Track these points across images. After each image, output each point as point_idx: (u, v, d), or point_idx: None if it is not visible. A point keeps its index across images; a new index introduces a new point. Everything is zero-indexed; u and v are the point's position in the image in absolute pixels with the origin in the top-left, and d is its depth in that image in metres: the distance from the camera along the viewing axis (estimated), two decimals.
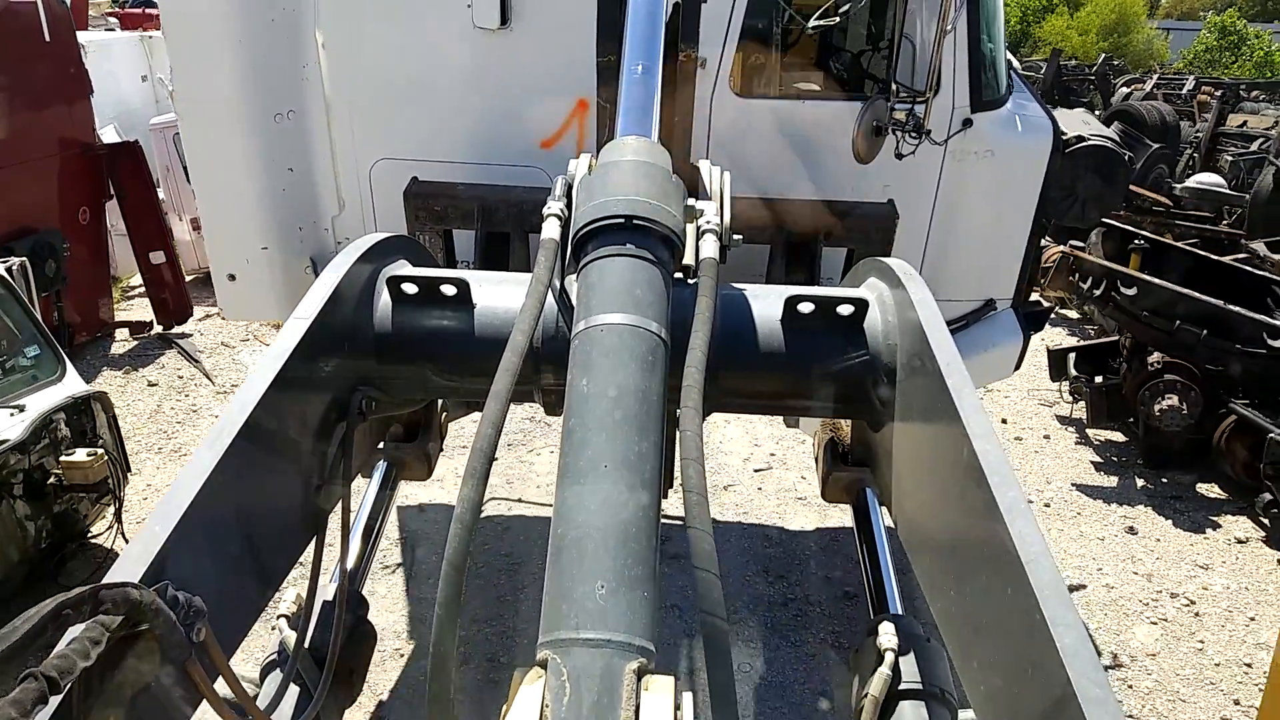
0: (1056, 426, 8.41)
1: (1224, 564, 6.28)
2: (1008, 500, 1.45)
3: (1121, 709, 1.11)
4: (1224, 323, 6.98)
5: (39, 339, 5.35)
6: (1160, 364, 7.20)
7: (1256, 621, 5.59)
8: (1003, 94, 4.30)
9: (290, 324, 1.90)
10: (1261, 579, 6.08)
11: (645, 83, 2.37)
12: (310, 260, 4.36)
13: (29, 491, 4.77)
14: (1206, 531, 6.65)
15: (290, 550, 1.91)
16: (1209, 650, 5.40)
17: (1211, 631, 5.57)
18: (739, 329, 2.13)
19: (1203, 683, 5.17)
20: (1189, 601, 5.86)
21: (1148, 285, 7.30)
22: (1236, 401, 6.82)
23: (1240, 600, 5.86)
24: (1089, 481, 7.42)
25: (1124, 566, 6.23)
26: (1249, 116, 15.60)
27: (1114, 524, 6.74)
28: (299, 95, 4.05)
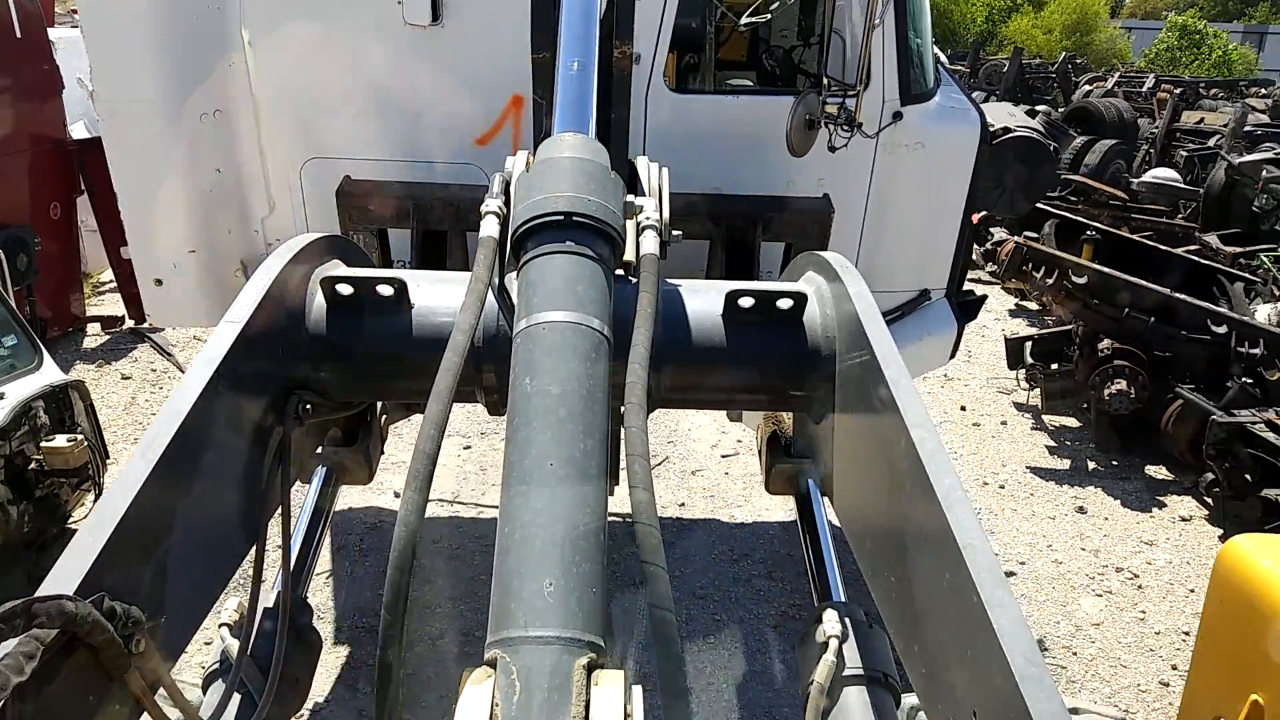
0: (1013, 413, 8.74)
1: (1168, 540, 6.63)
2: (944, 487, 1.48)
3: (1057, 687, 1.24)
4: (1170, 310, 7.29)
5: (15, 329, 5.32)
6: (1110, 350, 7.45)
7: (1196, 593, 5.89)
8: (931, 87, 4.40)
9: (222, 328, 1.86)
10: (1203, 554, 6.39)
11: (581, 79, 2.37)
12: (240, 263, 4.27)
13: (11, 477, 4.77)
14: (1152, 510, 6.99)
15: (230, 557, 1.87)
16: (1150, 620, 5.73)
17: (1153, 602, 5.91)
18: (681, 324, 2.14)
19: (1143, 650, 5.49)
20: (1133, 575, 6.19)
21: (1097, 274, 7.55)
22: (1182, 386, 7.06)
23: (1182, 574, 6.21)
24: (1042, 464, 7.74)
25: (1072, 543, 6.55)
26: (1206, 114, 16.20)
27: (1065, 504, 7.07)
28: (225, 94, 3.95)
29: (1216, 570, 1.92)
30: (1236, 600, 1.82)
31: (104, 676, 1.33)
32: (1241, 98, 21.35)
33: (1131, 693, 5.16)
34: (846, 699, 1.86)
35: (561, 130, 2.17)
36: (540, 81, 2.76)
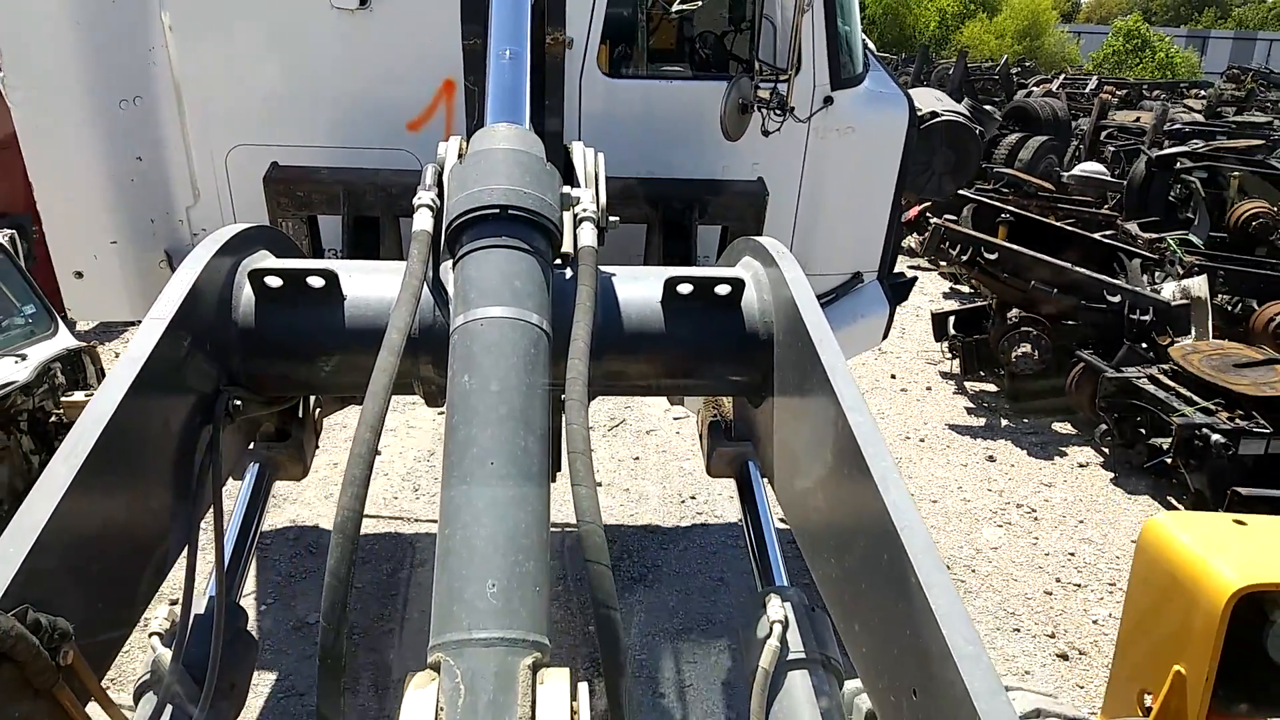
0: (938, 380, 9.55)
1: (1065, 483, 7.44)
2: (881, 470, 1.49)
3: (993, 665, 1.20)
4: (1071, 282, 8.08)
5: (34, 299, 5.85)
6: (1017, 319, 8.28)
7: (1084, 524, 6.78)
8: (860, 72, 4.45)
9: (146, 325, 1.79)
10: (1094, 494, 7.26)
11: (514, 68, 2.33)
12: (165, 254, 4.15)
13: (33, 429, 5.27)
14: (1054, 458, 7.83)
15: (161, 562, 1.82)
16: (1041, 544, 6.50)
17: (1045, 531, 6.67)
18: (620, 312, 2.13)
19: (1033, 567, 6.24)
20: (1030, 510, 6.98)
21: (1006, 250, 8.26)
22: (1083, 350, 7.82)
23: (1074, 509, 7.00)
24: (960, 422, 8.59)
25: (981, 485, 7.38)
26: (1143, 113, 17.48)
27: (977, 454, 7.93)
28: (145, 80, 3.83)
29: (1139, 548, 2.01)
30: (1158, 576, 1.91)
31: (30, 692, 1.28)
32: (1181, 98, 22.90)
33: (1019, 600, 5.87)
34: (791, 683, 1.89)
35: (495, 120, 2.14)
36: (472, 69, 2.72)
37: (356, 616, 5.33)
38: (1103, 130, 16.14)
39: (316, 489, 6.56)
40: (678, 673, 4.99)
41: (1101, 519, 6.85)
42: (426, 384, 2.18)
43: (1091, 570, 6.23)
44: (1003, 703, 1.16)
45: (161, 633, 1.92)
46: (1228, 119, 18.22)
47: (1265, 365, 6.56)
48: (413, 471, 7.01)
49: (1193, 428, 6.11)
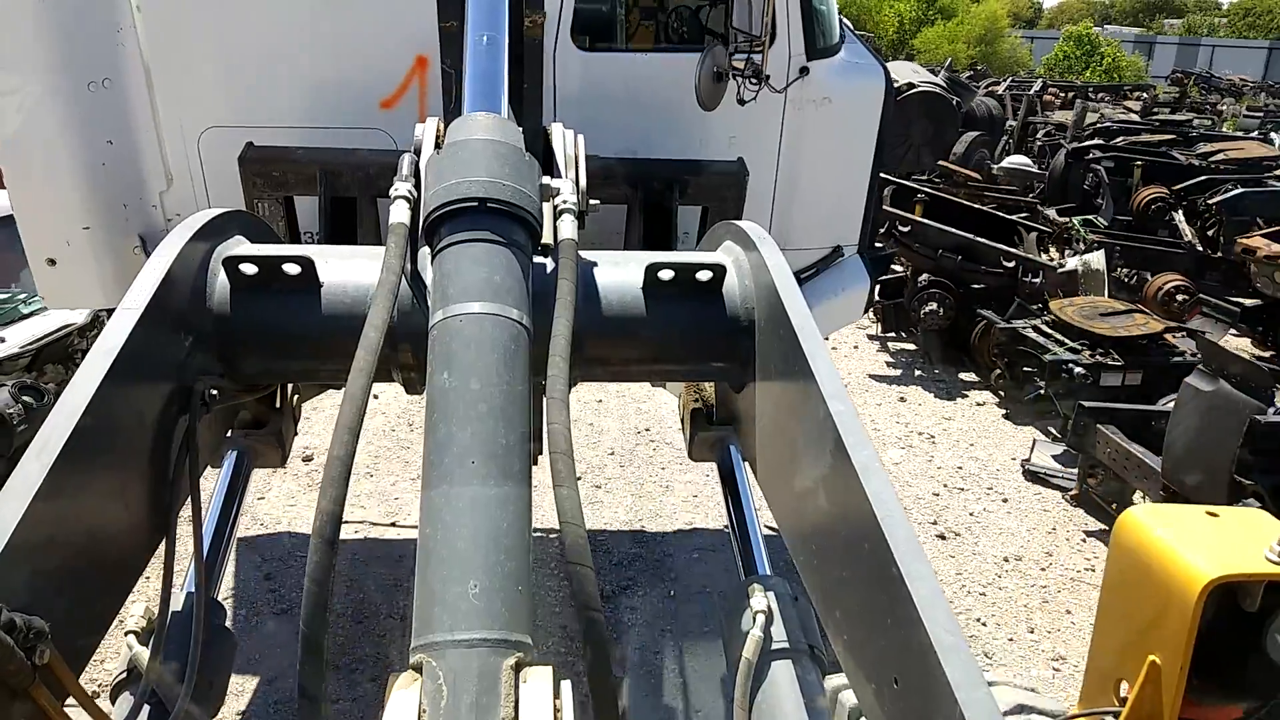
0: (865, 341, 10.67)
1: (963, 416, 8.66)
2: (862, 459, 1.50)
3: (974, 657, 1.21)
4: (973, 251, 9.38)
5: None
6: (926, 282, 9.40)
7: (974, 446, 7.99)
8: (836, 43, 4.42)
9: (119, 315, 1.76)
10: (986, 424, 8.49)
11: (491, 53, 2.30)
12: (139, 239, 4.07)
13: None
14: (956, 399, 9.06)
15: (138, 557, 1.80)
16: (935, 461, 7.63)
17: (940, 452, 7.82)
18: (601, 299, 2.11)
19: (926, 476, 7.27)
20: (930, 436, 8.15)
21: (917, 224, 9.47)
22: (984, 310, 9.02)
23: (967, 435, 8.19)
24: (880, 373, 9.77)
25: (890, 418, 8.51)
26: (1071, 112, 18.79)
27: (891, 396, 9.09)
28: (114, 61, 3.75)
29: (1114, 540, 2.04)
30: (1133, 568, 1.94)
31: (7, 693, 1.26)
32: (1123, 100, 25.24)
33: (911, 499, 6.84)
34: (775, 673, 1.90)
35: (473, 108, 2.11)
36: (449, 51, 2.66)
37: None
38: (1038, 128, 17.83)
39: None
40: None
41: (989, 443, 8.04)
42: (405, 372, 2.16)
43: (975, 479, 7.24)
44: (983, 694, 1.16)
45: (139, 630, 1.90)
46: (1157, 118, 19.92)
47: (1125, 314, 7.64)
48: (407, 410, 7.76)
49: (1060, 362, 7.18)
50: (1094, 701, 2.01)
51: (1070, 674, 5.01)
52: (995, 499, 6.90)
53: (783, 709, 1.85)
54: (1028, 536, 6.38)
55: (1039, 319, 8.10)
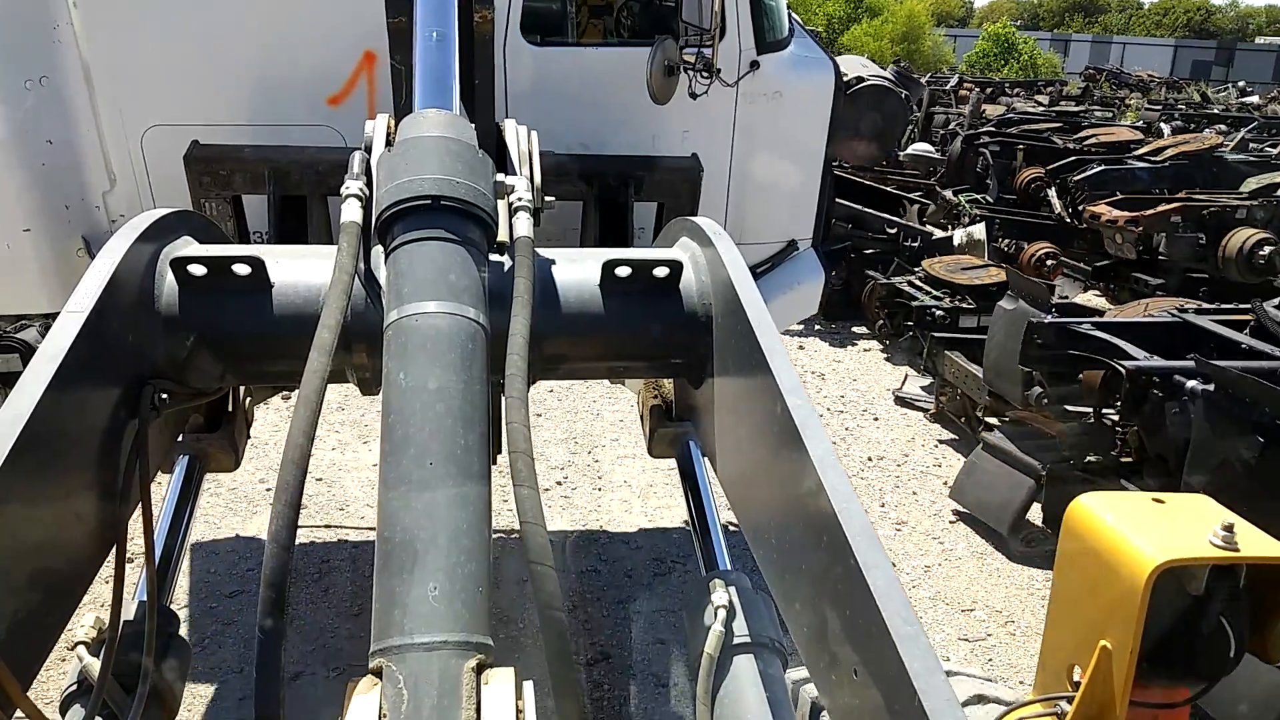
0: None
1: (850, 359, 10.06)
2: (819, 452, 1.51)
3: (931, 646, 1.23)
4: (862, 221, 10.71)
5: None
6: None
7: (856, 381, 9.43)
8: (785, 37, 4.44)
9: (63, 319, 1.72)
10: (869, 364, 9.95)
11: (441, 49, 2.27)
12: (83, 241, 3.98)
13: None
14: (847, 346, 10.48)
15: (87, 565, 1.75)
16: (823, 391, 9.02)
17: (829, 385, 9.21)
18: (558, 297, 2.10)
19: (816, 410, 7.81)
20: (821, 375, 9.50)
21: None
22: (872, 272, 10.17)
23: (852, 372, 9.62)
24: (784, 329, 11.05)
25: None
26: (989, 105, 21.45)
27: (790, 345, 10.15)
28: (51, 59, 3.66)
29: (1065, 526, 2.08)
30: (1084, 554, 1.98)
31: None
32: (1036, 94, 27.77)
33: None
34: (737, 667, 1.90)
35: (424, 105, 2.09)
36: (398, 48, 2.62)
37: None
38: (949, 119, 19.65)
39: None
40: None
41: (869, 378, 9.56)
42: (360, 373, 2.13)
43: (853, 404, 8.75)
44: (940, 682, 1.18)
45: (89, 641, 1.85)
46: (1053, 109, 21.86)
47: (983, 268, 8.98)
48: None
49: (925, 308, 8.54)
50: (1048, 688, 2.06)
51: (909, 535, 6.32)
52: (868, 418, 8.47)
53: (745, 703, 1.86)
54: (890, 444, 7.89)
55: (914, 275, 9.55)
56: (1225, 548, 1.90)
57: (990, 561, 6.02)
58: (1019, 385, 5.80)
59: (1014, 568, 5.96)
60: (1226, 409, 4.62)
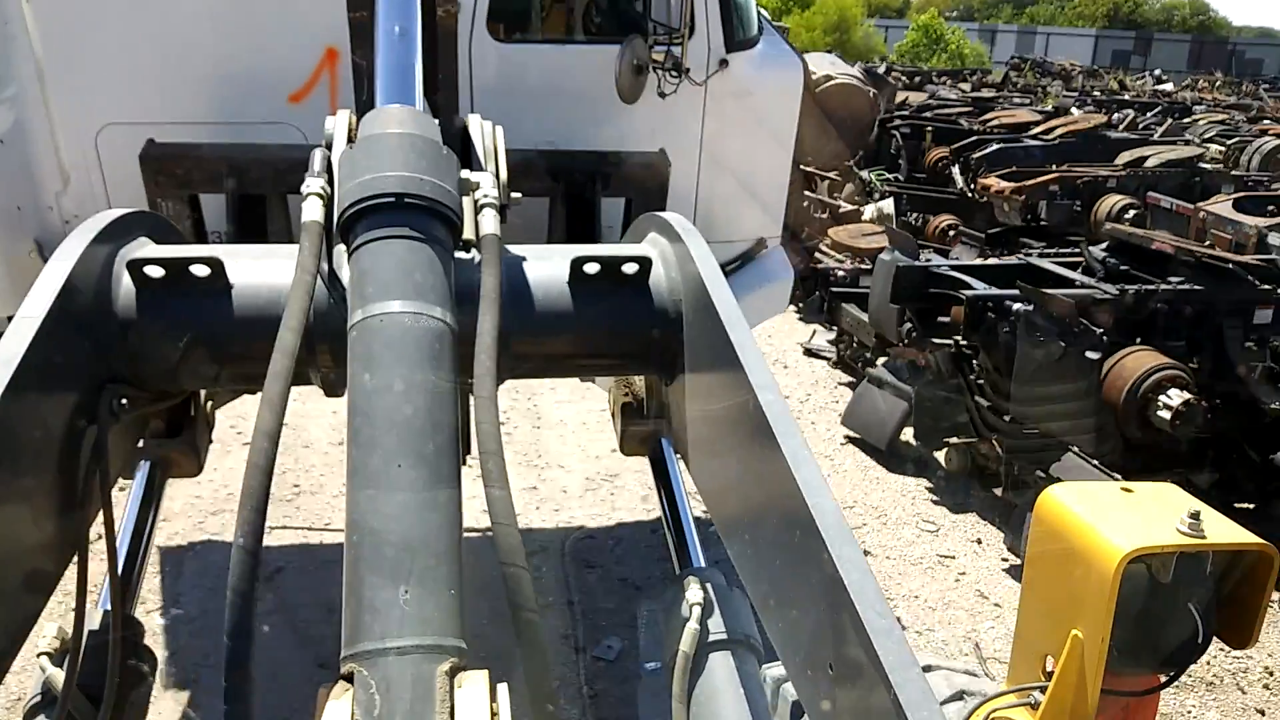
0: None
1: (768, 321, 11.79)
2: (791, 448, 1.50)
3: (906, 639, 1.23)
4: None
5: None
6: None
7: (772, 337, 10.27)
8: (754, 35, 4.45)
9: (16, 324, 1.68)
10: (783, 325, 10.63)
11: (404, 44, 2.24)
12: (35, 243, 3.90)
13: None
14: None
15: (48, 575, 1.72)
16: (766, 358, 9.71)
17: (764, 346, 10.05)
18: (526, 294, 2.07)
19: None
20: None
21: None
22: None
23: (767, 330, 10.09)
24: None
25: None
26: (915, 93, 22.47)
27: None
28: (2, 57, 3.60)
29: (1036, 518, 2.10)
30: (1053, 545, 2.00)
31: None
32: (961, 82, 30.04)
33: None
34: (712, 665, 1.90)
35: (386, 101, 2.06)
36: (359, 43, 2.58)
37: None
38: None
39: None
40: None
41: (783, 335, 10.59)
42: (324, 374, 2.09)
43: (766, 356, 9.12)
44: (915, 675, 1.18)
45: (51, 652, 1.81)
46: (970, 95, 23.72)
47: (880, 234, 9.55)
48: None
49: (828, 270, 9.55)
50: (1022, 678, 2.07)
51: None
52: (779, 367, 9.65)
53: (721, 701, 1.86)
54: (796, 385, 9.16)
55: (823, 243, 10.61)
56: (1192, 535, 1.92)
57: (872, 473, 7.44)
58: (892, 320, 6.65)
59: (891, 477, 7.36)
60: (1040, 324, 5.77)
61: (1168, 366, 5.61)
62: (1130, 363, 5.68)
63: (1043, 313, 5.73)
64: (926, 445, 7.32)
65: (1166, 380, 5.55)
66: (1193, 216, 9.35)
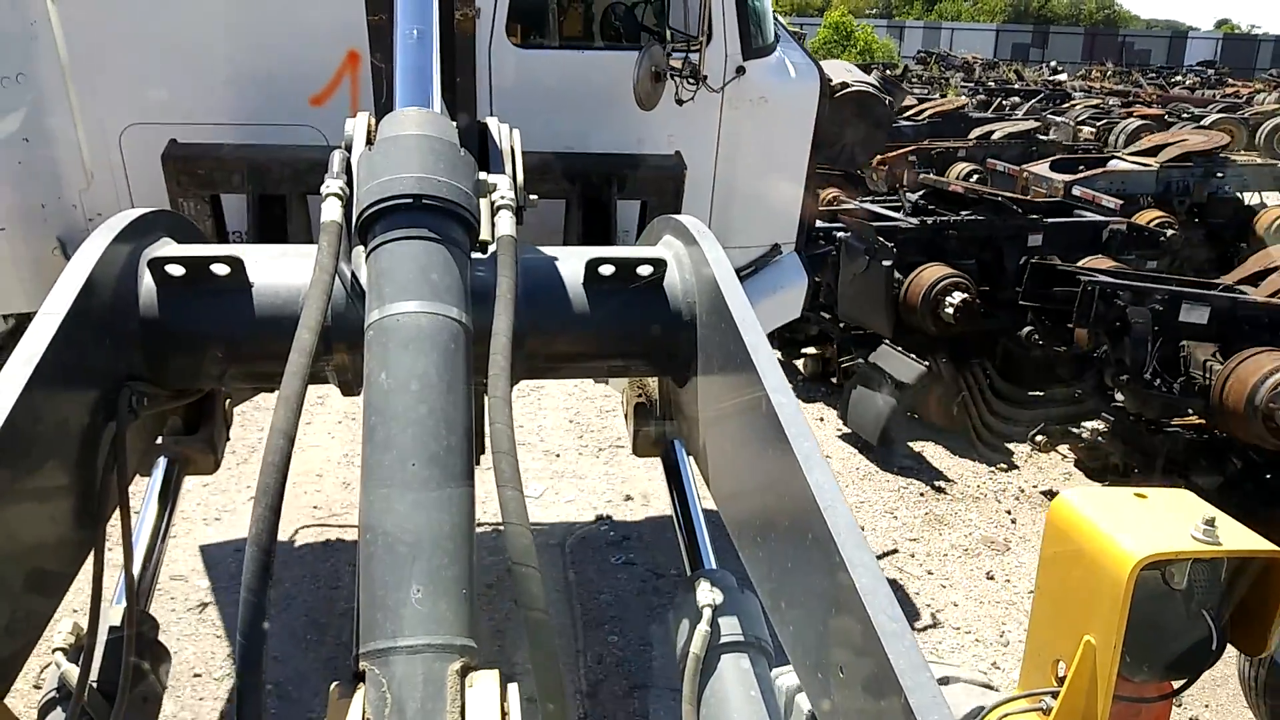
0: None
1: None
2: (803, 451, 1.51)
3: (917, 643, 1.23)
4: None
5: None
6: None
7: None
8: (771, 43, 4.47)
9: (39, 320, 1.71)
10: None
11: (421, 48, 2.26)
12: (58, 240, 3.93)
13: None
14: None
15: (65, 570, 1.74)
16: None
17: None
18: (542, 295, 2.09)
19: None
20: None
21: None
22: None
23: None
24: None
25: None
26: None
27: None
28: (28, 56, 3.62)
29: (1048, 523, 2.09)
30: (1067, 550, 1.99)
31: None
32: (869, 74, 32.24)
33: None
34: (723, 666, 1.90)
35: (404, 103, 2.07)
36: (379, 46, 2.61)
37: None
38: None
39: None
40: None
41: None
42: (341, 374, 2.11)
43: None
44: (926, 679, 1.18)
45: (66, 647, 1.84)
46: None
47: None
48: None
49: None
50: (1033, 683, 2.07)
51: None
52: None
53: (731, 702, 1.86)
54: None
55: None
56: (1206, 542, 1.91)
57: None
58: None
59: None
60: (853, 245, 7.58)
61: (953, 276, 7.37)
62: (926, 274, 7.45)
63: (854, 236, 7.60)
64: (786, 356, 9.02)
65: (951, 285, 7.31)
66: (1019, 175, 11.51)
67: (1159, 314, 5.68)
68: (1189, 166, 11.25)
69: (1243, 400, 5.15)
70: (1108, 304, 5.83)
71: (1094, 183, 10.39)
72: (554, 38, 5.17)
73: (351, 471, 6.81)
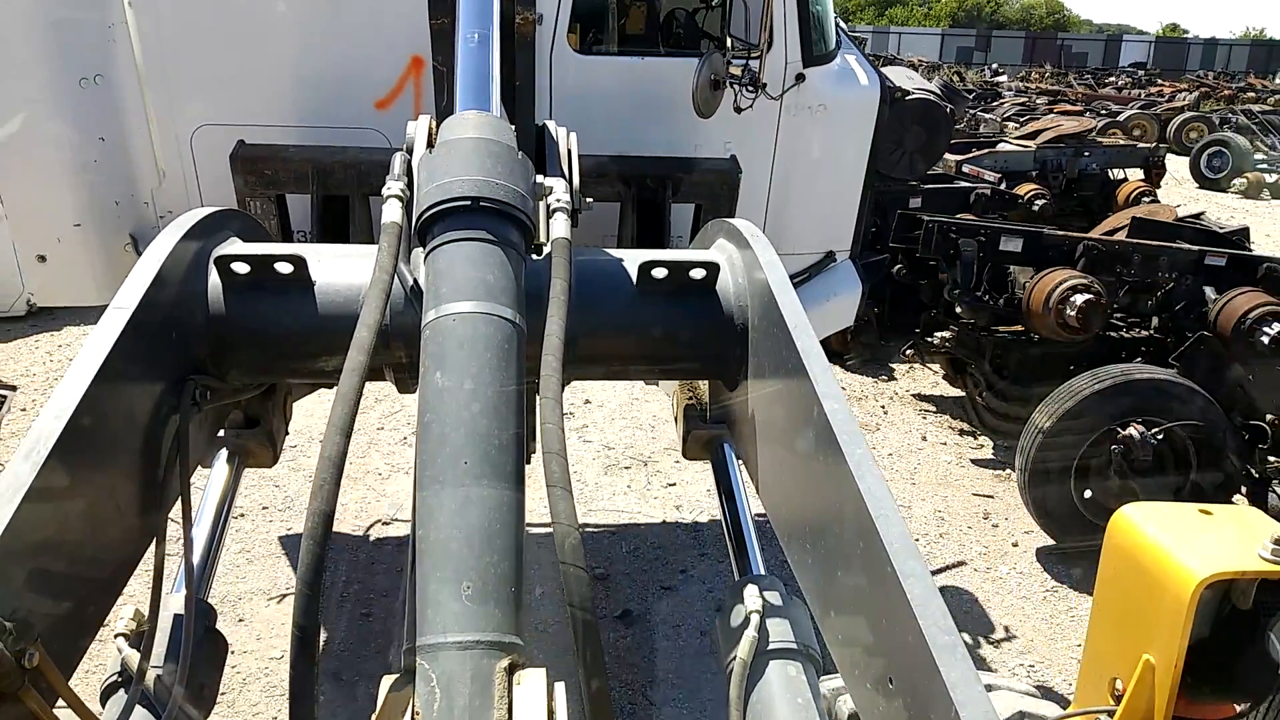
0: None
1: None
2: (856, 458, 1.49)
3: (969, 656, 1.21)
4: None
5: None
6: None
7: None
8: (832, 50, 4.44)
9: (109, 314, 1.75)
10: None
11: (481, 51, 2.28)
12: (130, 237, 4.06)
13: None
14: None
15: (128, 558, 1.78)
16: None
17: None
18: (594, 297, 2.10)
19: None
20: None
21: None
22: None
23: None
24: None
25: None
26: None
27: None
28: (106, 58, 3.73)
29: (1108, 539, 2.04)
30: (1126, 567, 1.94)
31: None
32: None
33: None
34: (769, 674, 1.88)
35: (464, 106, 2.09)
36: (440, 50, 2.65)
37: None
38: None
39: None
40: None
41: None
42: (398, 372, 2.15)
43: None
44: (978, 693, 1.16)
45: (128, 633, 1.86)
46: None
47: None
48: None
49: None
50: (1089, 700, 2.01)
51: None
52: None
53: (777, 709, 1.83)
54: None
55: None
56: (1275, 561, 1.85)
57: None
58: None
59: None
60: None
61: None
62: None
63: None
64: None
65: None
66: None
67: (984, 244, 7.22)
68: (1061, 147, 12.99)
69: (1040, 303, 6.83)
70: (944, 237, 7.27)
71: (981, 161, 12.00)
72: (613, 43, 5.20)
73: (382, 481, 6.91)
